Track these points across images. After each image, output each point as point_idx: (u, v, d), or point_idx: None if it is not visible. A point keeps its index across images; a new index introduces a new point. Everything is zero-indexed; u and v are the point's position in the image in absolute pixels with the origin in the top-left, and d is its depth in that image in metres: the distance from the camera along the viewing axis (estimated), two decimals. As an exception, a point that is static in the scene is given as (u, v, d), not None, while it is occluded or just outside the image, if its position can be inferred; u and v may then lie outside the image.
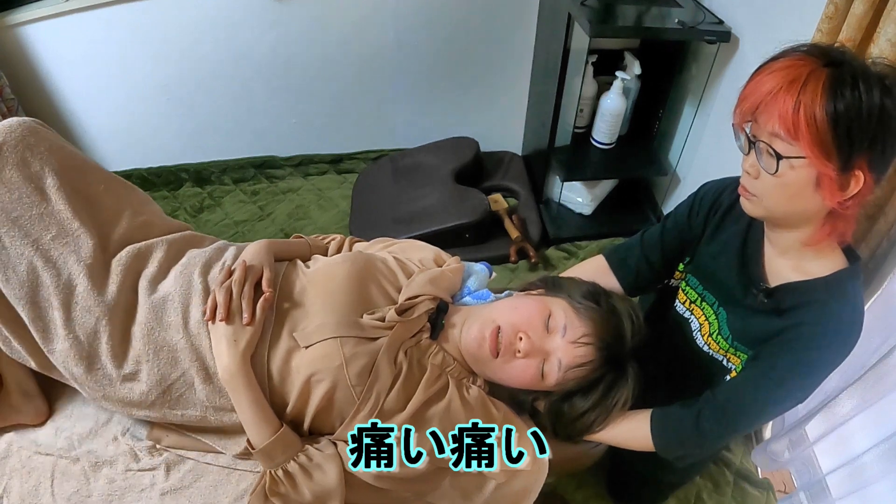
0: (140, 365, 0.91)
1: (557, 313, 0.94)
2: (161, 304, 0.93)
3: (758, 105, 0.79)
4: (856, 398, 1.15)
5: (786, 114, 0.76)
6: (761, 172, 0.83)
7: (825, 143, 0.75)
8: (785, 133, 0.77)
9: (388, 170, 2.26)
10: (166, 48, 2.01)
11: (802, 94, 0.75)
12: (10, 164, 0.89)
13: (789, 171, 0.80)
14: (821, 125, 0.74)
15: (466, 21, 2.11)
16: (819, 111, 0.74)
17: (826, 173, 0.77)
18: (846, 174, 0.78)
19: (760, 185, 0.84)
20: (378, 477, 0.89)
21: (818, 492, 1.26)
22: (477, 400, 0.95)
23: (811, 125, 0.75)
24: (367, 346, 0.91)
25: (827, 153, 0.76)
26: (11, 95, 1.92)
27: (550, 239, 2.11)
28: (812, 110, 0.74)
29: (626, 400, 0.96)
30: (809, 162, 0.77)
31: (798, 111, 0.75)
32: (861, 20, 0.99)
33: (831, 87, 0.74)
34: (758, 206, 0.87)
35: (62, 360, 0.90)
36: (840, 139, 0.75)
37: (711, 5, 1.78)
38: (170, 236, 1.04)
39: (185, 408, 0.93)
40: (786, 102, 0.76)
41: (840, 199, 0.80)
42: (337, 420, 0.91)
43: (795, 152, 0.78)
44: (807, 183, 0.80)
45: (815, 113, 0.74)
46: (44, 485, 0.94)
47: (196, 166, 2.33)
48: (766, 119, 0.79)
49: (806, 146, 0.76)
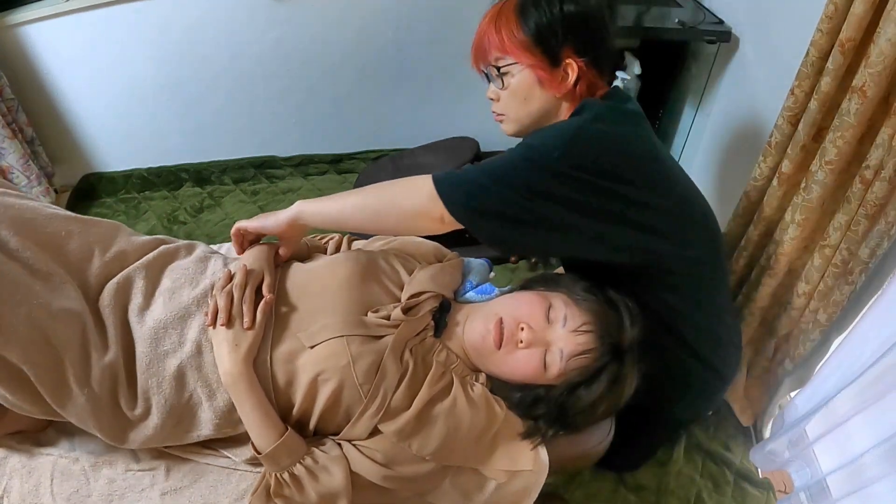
0: (149, 400, 0.90)
1: (557, 304, 0.94)
2: (154, 334, 0.91)
3: (477, 45, 1.04)
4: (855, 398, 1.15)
5: (494, 39, 1.01)
6: (498, 93, 1.06)
7: (527, 45, 0.98)
8: (499, 52, 1.01)
9: (389, 170, 2.26)
10: (166, 48, 2.00)
11: (500, 21, 1.00)
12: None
13: (513, 81, 1.02)
14: (517, 33, 0.98)
15: (467, 21, 2.10)
16: (514, 25, 0.98)
17: (541, 70, 0.99)
18: (559, 66, 0.99)
19: (502, 104, 1.07)
20: (385, 477, 0.89)
21: (818, 492, 1.26)
22: (481, 398, 0.96)
23: (511, 37, 0.99)
24: (373, 345, 0.91)
25: (532, 53, 0.98)
26: (11, 95, 1.92)
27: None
28: (509, 27, 0.99)
29: (632, 388, 0.96)
30: (523, 65, 1.00)
31: (500, 32, 1.00)
32: (861, 20, 0.99)
33: (518, 8, 0.98)
34: (508, 122, 1.08)
35: (76, 415, 0.87)
36: (537, 38, 0.97)
37: (711, 5, 1.78)
38: (144, 259, 0.99)
39: (199, 429, 0.93)
40: (491, 32, 1.01)
41: (565, 89, 1.00)
42: (343, 419, 0.91)
43: (510, 61, 1.01)
44: (531, 84, 1.01)
45: (511, 28, 0.98)
46: (44, 485, 0.94)
47: (196, 166, 2.33)
48: (487, 52, 1.03)
49: (513, 54, 1.00)
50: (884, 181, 1.00)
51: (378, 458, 0.89)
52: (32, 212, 0.92)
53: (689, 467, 1.51)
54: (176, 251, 1.05)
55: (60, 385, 0.85)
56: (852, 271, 1.11)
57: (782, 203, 1.29)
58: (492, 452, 0.96)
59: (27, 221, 0.90)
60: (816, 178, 1.14)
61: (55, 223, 0.94)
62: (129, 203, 2.25)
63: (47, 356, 0.83)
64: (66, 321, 0.85)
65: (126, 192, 2.28)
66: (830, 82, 1.09)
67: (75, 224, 0.97)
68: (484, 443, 0.95)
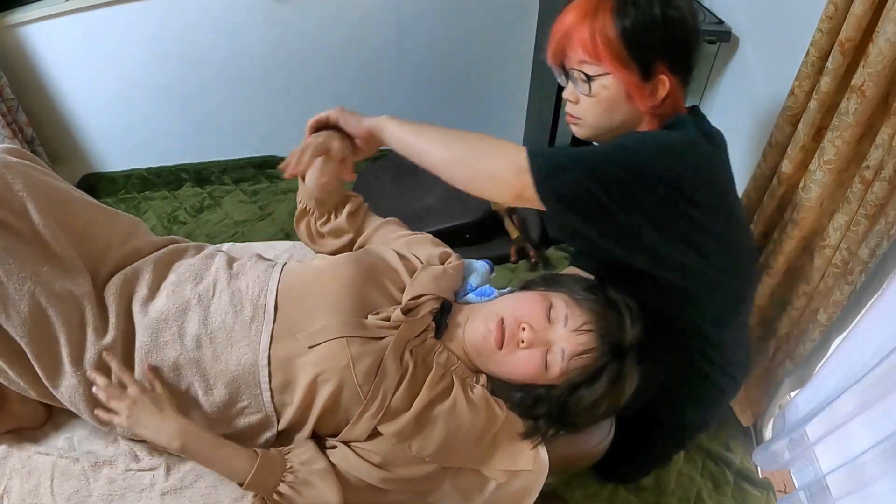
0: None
1: (558, 304, 0.94)
2: (156, 325, 0.92)
3: (562, 41, 0.95)
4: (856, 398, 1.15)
5: (585, 40, 0.92)
6: (578, 97, 0.98)
7: (623, 57, 0.91)
8: (589, 57, 0.92)
9: (389, 170, 2.26)
10: (166, 48, 2.01)
11: (594, 21, 0.91)
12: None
13: (602, 90, 0.95)
14: (614, 42, 0.90)
15: (467, 22, 2.11)
16: (611, 31, 0.90)
17: (632, 83, 0.93)
18: (651, 81, 0.93)
19: (581, 108, 0.99)
20: (383, 480, 0.89)
21: (818, 492, 1.26)
22: (481, 399, 0.95)
23: (607, 45, 0.90)
24: (373, 346, 0.91)
25: (627, 65, 0.91)
26: (11, 95, 1.92)
27: (550, 239, 2.11)
28: (605, 32, 0.90)
29: (632, 388, 0.96)
30: (615, 77, 0.92)
31: (594, 36, 0.91)
32: (861, 20, 0.99)
33: (616, 10, 0.90)
34: (583, 127, 1.01)
35: (68, 395, 0.89)
36: (634, 51, 0.90)
37: (711, 5, 1.78)
38: (153, 255, 1.01)
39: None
40: (583, 31, 0.92)
41: (652, 104, 0.95)
42: (343, 420, 0.91)
43: (601, 71, 0.93)
44: (618, 95, 0.94)
45: (607, 34, 0.90)
46: (44, 485, 0.94)
47: (196, 166, 2.33)
48: (572, 50, 0.94)
49: (608, 63, 0.92)
50: (884, 181, 0.99)
51: (376, 460, 0.89)
52: (61, 192, 0.94)
53: (689, 467, 1.51)
54: (185, 249, 1.07)
55: (55, 362, 0.87)
56: (852, 271, 1.11)
57: (782, 203, 1.29)
58: (492, 453, 0.96)
59: (53, 200, 0.91)
60: (815, 177, 1.14)
61: (80, 207, 0.96)
62: (129, 203, 2.25)
63: (45, 332, 0.85)
64: (68, 301, 0.87)
65: (126, 192, 2.28)
66: (830, 82, 1.09)
67: (99, 212, 0.99)
68: (484, 444, 0.95)
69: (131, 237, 1.02)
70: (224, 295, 0.96)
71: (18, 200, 0.86)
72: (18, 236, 0.85)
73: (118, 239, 0.99)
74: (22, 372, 0.88)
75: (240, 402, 0.92)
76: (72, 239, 0.92)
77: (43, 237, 0.87)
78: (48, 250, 0.88)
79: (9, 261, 0.83)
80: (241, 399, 0.92)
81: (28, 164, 0.91)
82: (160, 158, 2.31)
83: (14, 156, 0.91)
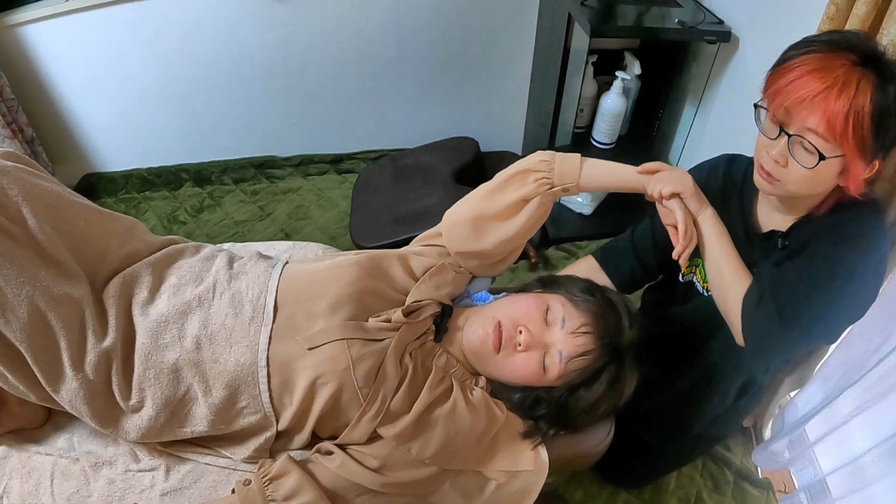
0: (144, 392, 0.90)
1: (555, 306, 0.94)
2: (156, 327, 0.92)
3: (801, 102, 0.82)
4: (856, 398, 1.15)
5: (834, 117, 0.79)
6: (790, 162, 0.87)
7: (866, 143, 0.80)
8: (828, 134, 0.80)
9: (389, 170, 2.26)
10: (167, 48, 2.00)
11: (854, 99, 0.78)
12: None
13: (824, 167, 0.84)
14: (866, 130, 0.79)
15: (466, 21, 2.11)
16: (867, 118, 0.78)
17: (858, 168, 0.83)
18: (870, 164, 0.84)
19: (787, 172, 0.88)
20: (383, 485, 0.89)
21: (818, 492, 1.26)
22: (480, 402, 0.96)
23: (857, 129, 0.79)
24: (373, 347, 0.91)
25: (863, 151, 0.81)
26: (11, 95, 1.92)
27: (550, 239, 2.11)
28: (861, 116, 0.78)
29: (631, 388, 0.96)
30: (846, 159, 0.82)
31: (848, 116, 0.78)
32: (863, 21, 0.99)
33: (876, 93, 0.78)
34: (779, 188, 0.92)
35: (69, 399, 0.88)
36: (880, 136, 0.80)
37: (711, 5, 1.78)
38: (153, 257, 1.01)
39: (193, 425, 0.93)
40: (836, 106, 0.78)
41: (864, 189, 0.88)
42: (342, 423, 0.91)
43: (837, 153, 0.82)
44: (834, 174, 0.86)
45: (863, 120, 0.78)
46: (44, 485, 0.94)
47: (196, 166, 2.33)
48: (808, 116, 0.81)
49: (848, 148, 0.80)
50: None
51: (375, 464, 0.89)
52: (56, 196, 0.93)
53: (688, 467, 1.51)
54: (184, 249, 1.06)
55: (55, 366, 0.86)
56: (852, 271, 1.11)
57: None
58: (492, 454, 0.96)
59: (49, 204, 0.90)
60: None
61: (76, 210, 0.95)
62: (129, 203, 2.25)
63: (44, 337, 0.85)
64: (67, 305, 0.87)
65: (126, 192, 2.28)
66: (831, 82, 1.08)
67: (96, 215, 0.98)
68: (484, 445, 0.95)
69: (129, 239, 1.01)
70: (224, 296, 0.96)
71: (14, 205, 0.85)
72: (15, 241, 0.84)
73: (116, 241, 0.99)
74: (22, 377, 0.87)
75: (239, 402, 0.92)
76: (69, 243, 0.91)
77: (39, 242, 0.87)
78: (45, 255, 0.87)
79: (6, 266, 0.82)
80: (241, 399, 0.92)
81: (23, 168, 0.90)
82: (160, 158, 2.31)
83: (9, 160, 0.90)
